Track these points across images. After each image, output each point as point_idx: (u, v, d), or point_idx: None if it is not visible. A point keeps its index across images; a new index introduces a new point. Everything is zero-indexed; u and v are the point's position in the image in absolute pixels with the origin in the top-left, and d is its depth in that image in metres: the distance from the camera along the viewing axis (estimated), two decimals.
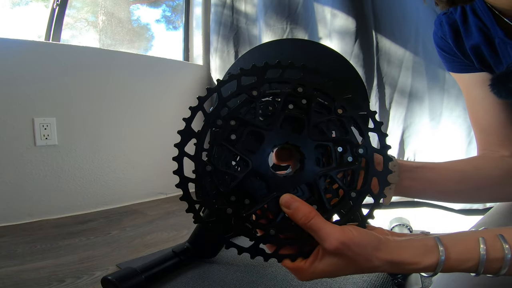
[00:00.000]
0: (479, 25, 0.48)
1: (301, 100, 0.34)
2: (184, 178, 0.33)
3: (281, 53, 0.62)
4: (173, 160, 0.33)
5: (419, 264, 0.32)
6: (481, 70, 0.52)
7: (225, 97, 0.34)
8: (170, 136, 1.52)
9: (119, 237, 1.03)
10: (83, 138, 1.35)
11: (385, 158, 0.36)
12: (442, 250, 0.32)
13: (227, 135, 0.33)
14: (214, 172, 0.33)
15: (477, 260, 0.32)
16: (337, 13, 1.32)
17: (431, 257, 0.32)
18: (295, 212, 0.32)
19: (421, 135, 1.29)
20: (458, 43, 0.52)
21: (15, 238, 1.03)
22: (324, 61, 0.50)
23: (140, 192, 1.54)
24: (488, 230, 0.34)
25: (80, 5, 1.56)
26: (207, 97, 0.34)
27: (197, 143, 0.33)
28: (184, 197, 0.34)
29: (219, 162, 0.33)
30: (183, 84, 1.73)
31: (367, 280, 0.68)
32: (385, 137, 0.37)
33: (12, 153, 1.18)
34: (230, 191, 0.33)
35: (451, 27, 0.52)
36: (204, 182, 0.33)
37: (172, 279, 0.72)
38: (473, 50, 0.51)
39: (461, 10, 0.50)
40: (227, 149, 0.33)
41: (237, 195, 0.34)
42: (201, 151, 0.33)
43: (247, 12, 1.67)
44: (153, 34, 1.87)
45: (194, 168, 0.33)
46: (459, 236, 0.34)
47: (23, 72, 1.19)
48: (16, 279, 0.74)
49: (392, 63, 1.30)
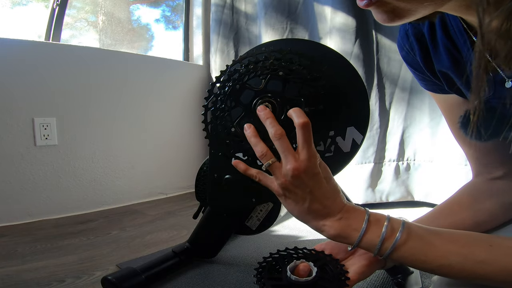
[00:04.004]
0: (448, 47, 0.42)
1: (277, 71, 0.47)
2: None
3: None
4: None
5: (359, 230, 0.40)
6: (453, 92, 0.48)
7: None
8: (170, 136, 1.54)
9: (119, 237, 1.03)
10: (83, 138, 1.35)
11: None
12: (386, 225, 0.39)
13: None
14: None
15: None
16: (337, 13, 1.32)
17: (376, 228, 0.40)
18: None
19: (421, 135, 1.29)
20: (427, 62, 0.47)
21: (15, 238, 1.03)
22: (324, 61, 0.50)
23: (140, 192, 1.54)
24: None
25: (80, 5, 1.56)
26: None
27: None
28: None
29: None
30: (183, 84, 1.73)
31: (367, 280, 0.68)
32: None
33: (12, 153, 1.18)
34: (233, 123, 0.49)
35: (418, 42, 0.47)
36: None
37: (172, 279, 0.72)
38: (441, 73, 0.46)
39: (429, 23, 0.44)
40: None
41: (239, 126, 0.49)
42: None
43: (247, 12, 1.67)
44: (153, 34, 1.87)
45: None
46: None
47: (23, 72, 1.19)
48: (16, 279, 0.74)
49: (392, 62, 1.30)
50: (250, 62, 0.49)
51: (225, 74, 0.50)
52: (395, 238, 0.38)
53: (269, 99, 0.46)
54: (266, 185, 0.44)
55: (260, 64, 0.48)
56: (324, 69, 0.48)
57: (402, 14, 0.33)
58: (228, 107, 0.49)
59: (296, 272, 0.43)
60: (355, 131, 0.50)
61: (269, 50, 0.49)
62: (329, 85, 0.47)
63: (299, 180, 0.40)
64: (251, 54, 0.50)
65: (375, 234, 0.39)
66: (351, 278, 0.43)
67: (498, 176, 0.50)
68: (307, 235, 1.01)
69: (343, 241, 0.41)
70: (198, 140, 1.78)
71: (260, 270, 0.44)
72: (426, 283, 0.65)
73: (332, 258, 0.46)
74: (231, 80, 0.49)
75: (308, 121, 0.40)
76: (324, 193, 0.41)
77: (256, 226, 0.74)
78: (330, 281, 0.42)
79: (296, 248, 0.48)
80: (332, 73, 0.48)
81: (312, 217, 0.42)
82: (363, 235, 0.40)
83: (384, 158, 1.34)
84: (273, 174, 0.43)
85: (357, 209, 0.42)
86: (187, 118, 1.73)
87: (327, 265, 0.44)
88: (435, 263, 0.37)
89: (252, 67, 0.48)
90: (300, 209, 0.42)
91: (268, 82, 0.47)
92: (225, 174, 0.58)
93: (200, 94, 1.79)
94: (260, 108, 0.44)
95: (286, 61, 0.47)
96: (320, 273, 0.42)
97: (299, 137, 0.40)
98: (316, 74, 0.47)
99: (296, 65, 0.47)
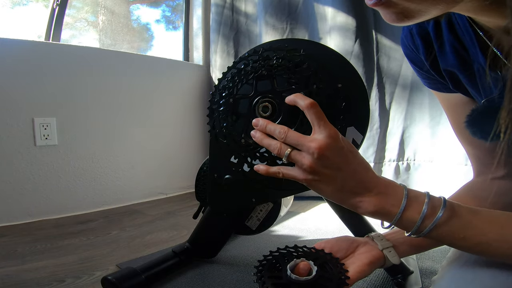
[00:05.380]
0: (455, 46, 0.42)
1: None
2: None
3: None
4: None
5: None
6: (459, 92, 0.48)
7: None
8: (170, 136, 1.54)
9: (119, 237, 1.03)
10: (83, 138, 1.35)
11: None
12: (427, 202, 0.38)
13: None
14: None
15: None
16: (337, 13, 1.32)
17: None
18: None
19: (421, 135, 1.29)
20: (432, 61, 0.46)
21: (15, 238, 1.03)
22: (324, 60, 0.50)
23: (140, 192, 1.54)
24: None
25: (80, 5, 1.56)
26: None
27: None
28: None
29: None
30: (183, 84, 1.73)
31: (367, 280, 0.68)
32: None
33: (12, 153, 1.18)
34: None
35: (423, 41, 0.45)
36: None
37: (172, 279, 0.72)
38: (447, 72, 0.45)
39: (434, 22, 0.43)
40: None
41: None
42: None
43: (247, 12, 1.67)
44: (153, 34, 1.87)
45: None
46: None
47: (23, 72, 1.19)
48: (16, 279, 0.74)
49: (392, 62, 1.30)
50: (233, 74, 0.52)
51: (216, 94, 0.54)
52: (436, 216, 0.37)
53: (267, 99, 0.46)
54: (292, 177, 0.42)
55: (242, 72, 0.50)
56: (302, 53, 0.49)
57: (412, 15, 0.32)
58: (230, 122, 0.52)
59: (296, 271, 0.42)
60: (355, 131, 0.50)
61: (245, 56, 0.52)
62: (316, 64, 0.48)
63: (325, 159, 0.38)
64: (233, 66, 0.53)
65: (415, 211, 0.38)
66: (351, 277, 0.43)
67: (499, 176, 0.50)
68: (307, 235, 1.01)
69: (381, 218, 0.40)
70: (198, 140, 1.78)
71: (260, 268, 0.44)
72: (426, 283, 0.65)
73: (332, 256, 0.46)
74: (223, 97, 0.52)
75: (313, 100, 0.40)
76: (355, 168, 0.39)
77: (256, 226, 0.74)
78: (330, 280, 0.41)
79: (296, 246, 0.48)
80: (313, 52, 0.50)
81: (347, 196, 0.40)
82: (403, 212, 0.38)
83: (384, 158, 1.34)
84: (296, 162, 0.41)
85: (394, 184, 0.40)
86: (187, 118, 1.73)
87: (327, 264, 0.44)
88: (473, 241, 0.36)
89: (236, 78, 0.51)
90: (334, 189, 0.40)
91: (257, 85, 0.49)
92: (225, 174, 0.58)
93: (200, 94, 1.79)
94: (254, 122, 0.45)
95: (264, 59, 0.50)
96: (320, 272, 0.42)
97: (311, 118, 0.40)
98: (297, 60, 0.48)
99: (274, 60, 0.49)
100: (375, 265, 0.46)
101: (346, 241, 0.49)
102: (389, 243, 0.48)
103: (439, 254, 0.80)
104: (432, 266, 0.74)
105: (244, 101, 0.50)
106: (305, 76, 0.48)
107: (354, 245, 0.48)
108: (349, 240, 0.49)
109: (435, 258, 0.78)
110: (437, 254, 0.80)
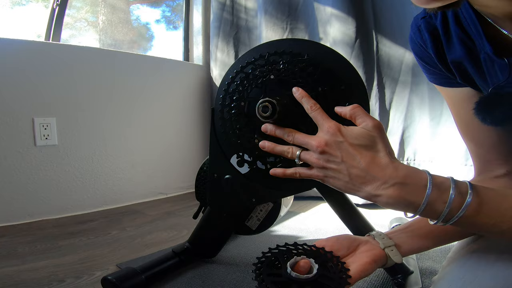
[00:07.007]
0: (462, 37, 0.42)
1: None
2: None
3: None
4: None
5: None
6: (465, 85, 0.48)
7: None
8: (170, 136, 1.54)
9: (119, 237, 1.03)
10: (83, 138, 1.35)
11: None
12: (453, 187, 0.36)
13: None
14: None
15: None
16: (337, 13, 1.32)
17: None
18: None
19: (421, 135, 1.29)
20: (440, 55, 0.47)
21: (15, 238, 1.03)
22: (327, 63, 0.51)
23: (140, 192, 1.54)
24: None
25: (80, 5, 1.56)
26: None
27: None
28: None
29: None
30: (183, 84, 1.73)
31: (367, 280, 0.68)
32: None
33: (12, 153, 1.18)
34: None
35: (431, 36, 0.46)
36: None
37: (172, 279, 0.72)
38: (454, 64, 0.46)
39: (442, 17, 0.44)
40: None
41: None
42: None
43: (248, 12, 1.67)
44: (153, 34, 1.87)
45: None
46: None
47: (23, 72, 1.19)
48: (16, 279, 0.74)
49: (392, 63, 1.30)
50: (242, 78, 0.54)
51: (227, 97, 0.57)
52: (464, 203, 0.35)
53: (268, 100, 0.47)
54: (308, 176, 0.45)
55: (251, 76, 0.53)
56: (306, 57, 0.52)
57: None
58: (243, 124, 0.55)
59: (296, 268, 0.42)
60: None
61: (252, 61, 0.55)
62: (321, 68, 0.50)
63: (327, 155, 0.41)
64: (241, 70, 0.55)
65: (440, 199, 0.36)
66: (353, 276, 0.42)
67: (500, 175, 0.49)
68: (307, 235, 1.01)
69: (404, 210, 0.38)
70: (198, 140, 1.78)
71: (259, 266, 0.43)
72: (426, 283, 0.65)
73: (333, 255, 0.45)
74: (235, 100, 0.55)
75: (314, 102, 0.45)
76: (360, 159, 0.39)
77: (256, 226, 0.74)
78: (331, 279, 0.41)
79: (296, 244, 0.47)
80: (316, 55, 0.52)
81: (358, 187, 0.39)
82: (427, 202, 0.36)
83: None
84: (307, 161, 0.44)
85: (415, 172, 0.38)
86: (187, 118, 1.73)
87: (328, 262, 0.43)
88: (504, 226, 0.35)
89: (245, 82, 0.54)
90: (343, 182, 0.41)
91: (267, 89, 0.52)
92: (225, 174, 0.58)
93: (200, 94, 1.79)
94: (263, 128, 0.49)
95: (270, 64, 0.52)
96: (321, 270, 0.41)
97: (314, 118, 0.44)
98: (302, 65, 0.51)
99: (281, 65, 0.52)
100: (377, 264, 0.45)
101: (347, 239, 0.48)
102: (391, 241, 0.48)
103: (439, 254, 0.80)
104: (432, 266, 0.74)
105: (253, 104, 0.52)
106: (311, 80, 0.50)
107: (355, 243, 0.48)
108: (350, 238, 0.49)
109: (435, 258, 0.78)
110: (437, 254, 0.80)
